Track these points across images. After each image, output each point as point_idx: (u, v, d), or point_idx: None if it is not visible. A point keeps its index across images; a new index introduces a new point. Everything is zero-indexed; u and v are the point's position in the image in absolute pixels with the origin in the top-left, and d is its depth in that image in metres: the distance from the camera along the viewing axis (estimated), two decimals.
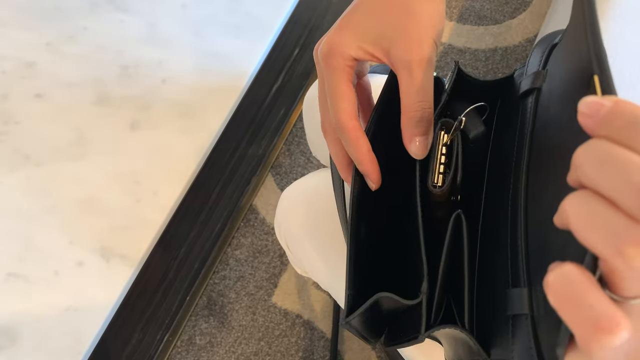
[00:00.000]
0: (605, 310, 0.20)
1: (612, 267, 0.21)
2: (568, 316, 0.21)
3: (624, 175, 0.20)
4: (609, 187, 0.20)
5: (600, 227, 0.20)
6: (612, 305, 0.21)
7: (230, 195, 1.07)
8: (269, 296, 1.11)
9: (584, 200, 0.21)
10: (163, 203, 0.65)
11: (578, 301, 0.21)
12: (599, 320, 0.20)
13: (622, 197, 0.20)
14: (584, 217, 0.21)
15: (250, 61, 0.72)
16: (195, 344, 1.08)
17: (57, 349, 0.59)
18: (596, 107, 0.21)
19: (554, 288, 0.22)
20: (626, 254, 0.20)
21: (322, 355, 1.07)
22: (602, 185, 0.21)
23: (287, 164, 1.20)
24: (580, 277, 0.21)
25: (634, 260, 0.20)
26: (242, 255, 1.14)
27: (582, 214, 0.21)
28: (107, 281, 0.61)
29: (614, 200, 0.20)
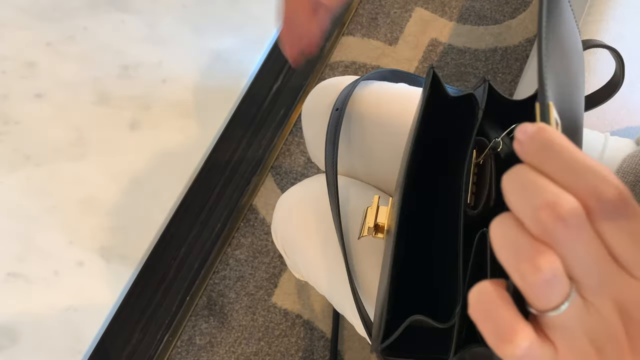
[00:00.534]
0: (505, 320, 0.23)
1: (516, 284, 0.22)
2: (480, 327, 0.23)
3: (527, 197, 0.22)
4: (517, 208, 0.22)
5: (508, 244, 0.22)
6: (516, 317, 0.23)
7: (230, 195, 1.07)
8: (269, 296, 1.11)
9: (502, 222, 0.23)
10: (163, 203, 0.65)
11: (487, 314, 0.23)
12: (500, 330, 0.23)
13: (525, 217, 0.22)
14: (499, 236, 0.23)
15: (250, 61, 0.72)
16: (195, 344, 1.08)
17: (57, 349, 0.59)
18: (524, 133, 0.23)
19: (471, 302, 0.24)
20: (521, 270, 0.22)
21: (322, 355, 1.07)
22: (514, 206, 0.22)
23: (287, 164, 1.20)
24: (492, 292, 0.23)
25: (526, 276, 0.21)
26: (242, 255, 1.14)
27: (498, 234, 0.23)
28: (107, 281, 0.61)
29: (522, 220, 0.22)
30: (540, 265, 0.22)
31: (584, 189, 0.22)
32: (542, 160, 0.22)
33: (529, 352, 0.23)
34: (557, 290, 0.22)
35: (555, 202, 0.21)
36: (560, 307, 0.23)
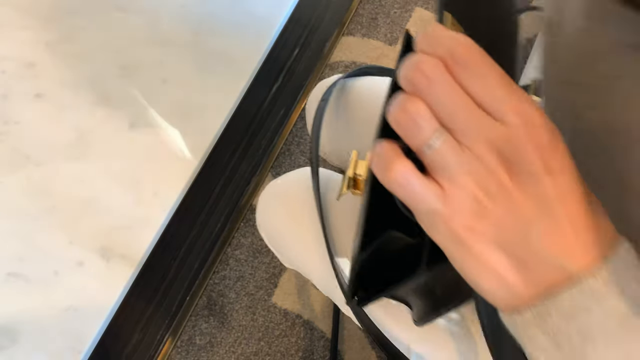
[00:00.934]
0: (390, 156, 0.28)
1: (402, 134, 0.28)
2: (374, 168, 0.29)
3: (404, 68, 0.28)
4: (399, 80, 0.28)
5: (392, 106, 0.28)
6: (398, 154, 0.28)
7: (230, 195, 1.07)
8: (269, 296, 1.11)
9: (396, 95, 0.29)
10: (163, 203, 0.65)
11: (379, 157, 0.29)
12: (383, 162, 0.28)
13: (402, 83, 0.28)
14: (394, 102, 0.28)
15: (250, 61, 0.72)
16: (195, 344, 1.08)
17: (57, 349, 0.59)
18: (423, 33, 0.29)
19: (371, 156, 0.29)
20: (394, 115, 0.28)
21: (322, 355, 1.07)
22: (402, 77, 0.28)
23: (287, 164, 1.21)
24: (386, 145, 0.29)
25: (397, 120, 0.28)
26: (242, 255, 1.14)
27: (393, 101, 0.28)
28: (107, 281, 0.61)
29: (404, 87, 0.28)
30: (407, 107, 0.27)
31: (443, 52, 0.27)
32: (423, 45, 0.28)
33: (407, 179, 0.28)
34: (423, 126, 0.27)
35: (419, 62, 0.27)
36: (430, 143, 0.27)
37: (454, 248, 0.28)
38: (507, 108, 0.26)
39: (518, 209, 0.27)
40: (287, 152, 1.21)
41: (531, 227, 0.27)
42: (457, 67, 0.27)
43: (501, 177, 0.27)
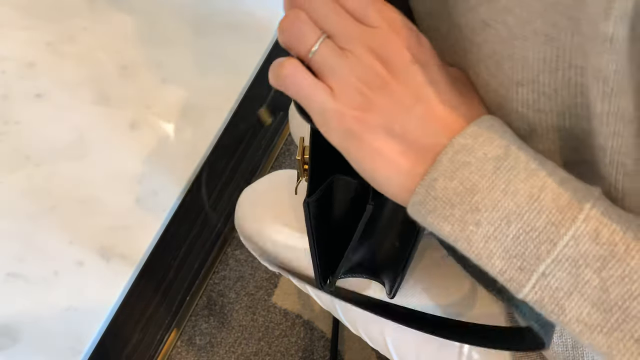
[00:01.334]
0: (284, 60, 0.32)
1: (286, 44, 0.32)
2: (269, 73, 0.32)
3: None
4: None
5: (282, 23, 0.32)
6: (291, 58, 0.32)
7: (230, 195, 1.07)
8: (269, 296, 1.11)
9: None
10: (163, 203, 0.65)
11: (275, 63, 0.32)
12: (277, 63, 0.32)
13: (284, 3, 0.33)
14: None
15: (250, 61, 0.72)
16: (195, 344, 1.08)
17: (57, 349, 0.59)
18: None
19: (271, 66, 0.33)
20: (280, 26, 0.32)
21: (322, 355, 1.07)
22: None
23: (287, 164, 1.21)
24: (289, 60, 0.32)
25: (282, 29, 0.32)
26: (242, 255, 1.14)
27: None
28: (107, 281, 0.61)
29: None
30: (289, 15, 0.31)
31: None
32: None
33: (295, 74, 0.31)
34: (306, 31, 0.31)
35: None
36: (314, 49, 0.31)
37: (348, 143, 0.31)
38: (373, 14, 0.31)
39: (398, 97, 0.30)
40: (287, 152, 1.21)
41: (411, 111, 0.30)
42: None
43: (379, 72, 0.31)
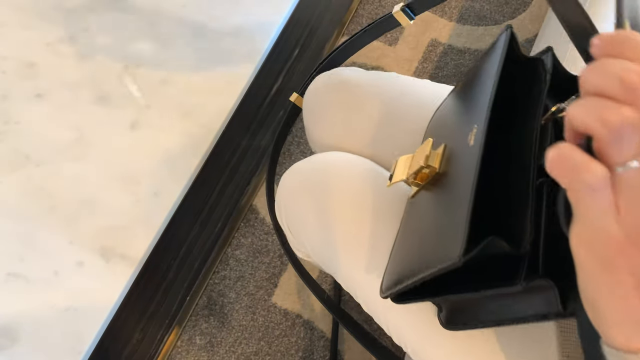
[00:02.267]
0: (581, 158, 0.26)
1: (595, 134, 0.26)
2: (556, 172, 0.27)
3: (610, 70, 0.26)
4: (599, 83, 0.26)
5: (590, 108, 0.26)
6: (589, 157, 0.26)
7: (230, 195, 1.07)
8: (269, 296, 1.11)
9: (583, 100, 0.27)
10: (163, 203, 0.65)
11: (563, 159, 0.27)
12: (576, 165, 0.26)
13: (608, 86, 0.26)
14: (580, 108, 0.27)
15: (251, 61, 0.72)
16: (196, 344, 1.08)
17: (57, 349, 0.59)
18: (601, 38, 0.28)
19: (550, 157, 0.27)
20: (604, 117, 0.25)
21: (322, 355, 1.07)
22: (595, 84, 0.27)
23: (287, 164, 1.20)
24: (568, 146, 0.27)
25: (609, 121, 0.25)
26: (242, 255, 1.14)
27: (579, 107, 0.27)
28: (107, 281, 0.61)
29: (604, 92, 0.26)
30: (625, 112, 0.25)
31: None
32: (620, 51, 0.27)
33: (603, 184, 0.26)
34: (633, 142, 0.25)
35: (625, 68, 0.26)
36: (629, 163, 0.25)
37: (597, 269, 0.27)
38: None
39: None
40: (287, 152, 1.21)
41: None
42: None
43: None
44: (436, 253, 0.40)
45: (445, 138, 0.50)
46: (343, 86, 0.65)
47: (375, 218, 0.58)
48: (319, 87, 0.67)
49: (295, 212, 0.63)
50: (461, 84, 0.54)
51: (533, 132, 0.42)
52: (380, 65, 1.27)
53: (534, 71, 0.43)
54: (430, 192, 0.48)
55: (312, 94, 0.68)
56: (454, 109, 0.53)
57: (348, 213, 0.59)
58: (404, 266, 0.45)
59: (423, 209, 0.49)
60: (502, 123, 0.45)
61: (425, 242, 0.45)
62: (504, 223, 0.42)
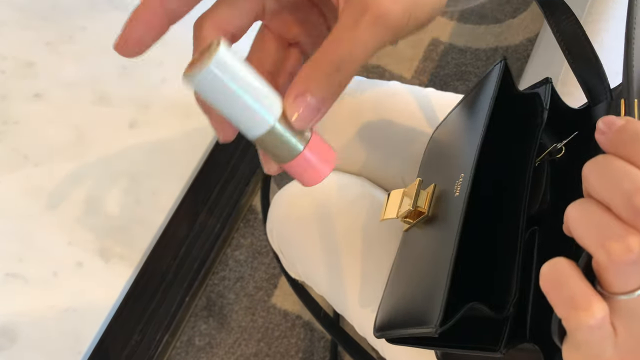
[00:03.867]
0: (581, 290, 0.24)
1: (598, 261, 0.24)
2: (552, 297, 0.24)
3: (617, 183, 0.23)
4: (605, 193, 0.23)
5: (591, 224, 0.23)
6: (589, 288, 0.24)
7: (230, 195, 1.07)
8: (268, 297, 1.10)
9: (583, 205, 0.24)
10: (163, 203, 0.65)
11: (560, 284, 0.24)
12: (574, 298, 0.24)
13: (614, 201, 0.23)
14: (580, 217, 0.24)
15: None
16: (195, 345, 1.08)
17: (56, 349, 0.59)
18: (610, 125, 0.24)
19: (544, 274, 0.25)
20: (609, 247, 0.23)
21: (322, 356, 1.06)
22: (600, 192, 0.23)
23: None
24: (566, 265, 0.24)
25: (614, 254, 0.22)
26: (242, 255, 1.14)
27: (579, 215, 0.24)
28: (107, 281, 0.61)
29: (609, 205, 0.23)
30: (631, 244, 0.22)
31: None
32: (631, 151, 0.23)
33: (602, 323, 0.23)
34: (637, 275, 0.23)
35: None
36: (635, 292, 0.23)
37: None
38: None
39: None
40: None
41: None
42: None
43: None
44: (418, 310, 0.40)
45: (435, 176, 0.49)
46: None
47: (369, 249, 0.57)
48: None
49: (286, 237, 0.63)
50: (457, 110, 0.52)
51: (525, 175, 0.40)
52: (380, 64, 1.27)
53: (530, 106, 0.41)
54: (422, 230, 0.47)
55: None
56: (447, 144, 0.50)
57: (340, 243, 0.58)
58: (396, 309, 0.44)
59: (414, 248, 0.48)
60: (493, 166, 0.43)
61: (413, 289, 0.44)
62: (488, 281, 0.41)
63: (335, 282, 0.59)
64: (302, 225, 0.61)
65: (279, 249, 0.66)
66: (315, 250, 0.59)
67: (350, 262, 0.58)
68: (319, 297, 1.09)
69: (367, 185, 0.62)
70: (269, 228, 0.66)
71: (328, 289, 0.60)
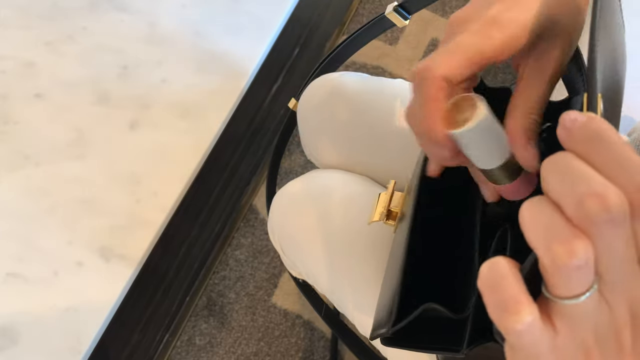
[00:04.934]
0: (512, 293, 0.23)
1: (543, 263, 0.23)
2: (485, 298, 0.23)
3: (572, 184, 0.22)
4: (558, 193, 0.22)
5: (540, 224, 0.22)
6: (521, 291, 0.23)
7: (230, 195, 1.07)
8: (268, 296, 1.11)
9: (536, 203, 0.23)
10: (163, 203, 0.65)
11: (494, 285, 0.23)
12: (506, 302, 0.23)
13: (565, 202, 0.22)
14: (530, 216, 0.23)
15: (250, 61, 0.72)
16: (195, 345, 1.08)
17: (57, 349, 0.59)
18: (572, 122, 0.23)
19: (482, 273, 0.24)
20: (553, 250, 0.22)
21: (322, 356, 1.06)
22: (554, 191, 0.23)
23: (287, 163, 1.20)
24: (504, 266, 0.23)
25: (559, 258, 0.22)
26: (242, 255, 1.14)
27: (531, 214, 0.23)
28: (107, 281, 0.61)
29: (560, 205, 0.22)
30: (576, 249, 0.21)
31: (630, 185, 0.21)
32: (590, 150, 0.22)
33: (529, 328, 0.23)
34: (583, 279, 0.22)
35: (604, 193, 0.21)
36: (579, 297, 0.23)
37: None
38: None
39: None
40: (287, 152, 1.21)
41: None
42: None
43: (622, 339, 0.24)
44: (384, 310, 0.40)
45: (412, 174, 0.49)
46: (337, 98, 0.63)
47: (370, 248, 0.57)
48: (312, 96, 0.66)
49: (287, 236, 0.63)
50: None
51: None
52: (380, 64, 1.27)
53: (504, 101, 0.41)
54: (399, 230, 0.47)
55: (305, 102, 0.66)
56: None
57: (341, 242, 0.58)
58: (376, 311, 0.44)
59: (393, 249, 0.48)
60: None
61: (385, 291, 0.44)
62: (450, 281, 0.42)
63: (336, 282, 0.59)
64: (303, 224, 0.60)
65: (280, 248, 0.66)
66: (316, 250, 0.59)
67: (351, 262, 0.58)
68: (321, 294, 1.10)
69: (370, 185, 0.62)
70: (271, 227, 0.66)
71: (329, 288, 0.61)
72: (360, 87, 0.64)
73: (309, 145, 0.69)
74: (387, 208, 0.47)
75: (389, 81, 0.66)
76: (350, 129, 0.63)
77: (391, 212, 0.47)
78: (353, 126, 0.63)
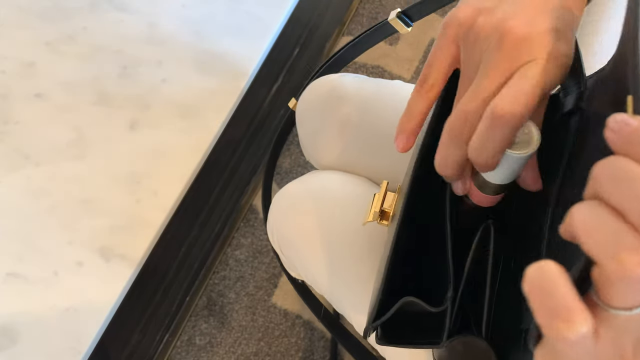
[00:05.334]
0: (566, 301, 0.22)
1: (606, 272, 0.22)
2: (533, 303, 0.23)
3: (634, 189, 0.21)
4: (619, 199, 0.22)
5: (602, 231, 0.21)
6: (576, 299, 0.22)
7: (230, 195, 1.07)
8: (268, 296, 1.11)
9: (592, 208, 0.22)
10: (163, 203, 0.65)
11: (545, 290, 0.22)
12: (558, 309, 0.22)
13: (630, 209, 0.21)
14: (589, 222, 0.22)
15: (250, 61, 0.72)
16: (195, 344, 1.08)
17: (57, 349, 0.59)
18: (622, 125, 0.23)
19: (529, 277, 0.23)
20: (621, 258, 0.21)
21: (322, 356, 1.07)
22: (613, 197, 0.22)
23: (287, 163, 1.20)
24: (554, 271, 0.22)
25: (628, 267, 0.21)
26: (242, 255, 1.14)
27: (588, 219, 0.22)
28: (107, 281, 0.61)
29: (622, 211, 0.22)
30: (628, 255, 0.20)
31: None
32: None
33: (582, 339, 0.22)
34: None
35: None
36: (633, 309, 0.22)
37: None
38: None
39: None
40: (287, 152, 1.21)
41: None
42: None
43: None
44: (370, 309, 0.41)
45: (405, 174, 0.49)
46: (336, 99, 0.63)
47: (369, 250, 0.57)
48: (311, 98, 0.66)
49: (286, 237, 0.62)
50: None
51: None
52: (380, 65, 1.27)
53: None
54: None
55: (303, 104, 0.66)
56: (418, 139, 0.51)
57: (340, 244, 0.58)
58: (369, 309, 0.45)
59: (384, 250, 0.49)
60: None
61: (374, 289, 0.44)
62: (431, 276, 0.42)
63: (335, 283, 0.59)
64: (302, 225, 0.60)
65: (279, 248, 0.66)
66: (315, 250, 0.59)
67: (350, 263, 0.58)
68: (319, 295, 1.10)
69: (369, 186, 0.62)
70: (270, 228, 0.66)
71: (328, 289, 0.61)
72: (359, 88, 0.64)
73: (307, 147, 0.69)
74: (380, 208, 0.47)
75: (388, 82, 0.66)
76: (349, 130, 0.63)
77: (385, 212, 0.47)
78: (352, 127, 0.63)
